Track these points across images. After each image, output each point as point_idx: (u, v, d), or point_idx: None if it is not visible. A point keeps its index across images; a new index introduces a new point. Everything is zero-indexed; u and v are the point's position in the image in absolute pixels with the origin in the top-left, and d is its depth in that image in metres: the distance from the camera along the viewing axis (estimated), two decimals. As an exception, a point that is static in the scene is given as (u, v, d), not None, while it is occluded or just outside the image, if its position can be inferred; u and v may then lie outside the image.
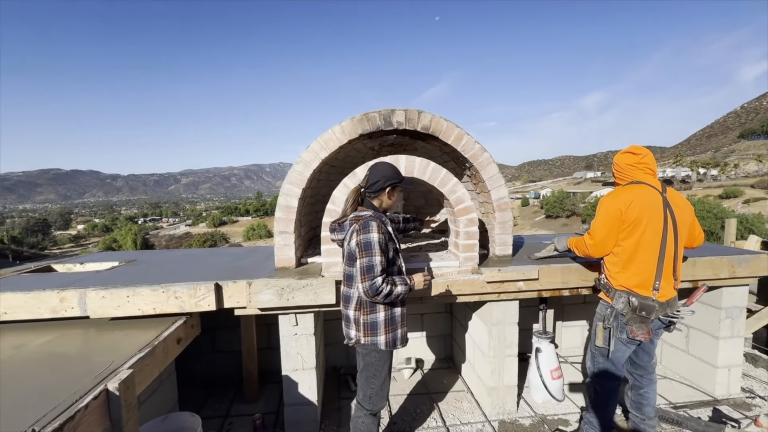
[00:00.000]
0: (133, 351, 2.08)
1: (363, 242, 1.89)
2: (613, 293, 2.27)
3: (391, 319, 2.06)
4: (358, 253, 1.91)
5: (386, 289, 1.88)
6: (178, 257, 3.67)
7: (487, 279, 2.76)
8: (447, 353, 4.06)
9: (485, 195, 3.18)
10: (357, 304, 2.03)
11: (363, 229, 1.91)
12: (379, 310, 2.03)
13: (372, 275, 1.86)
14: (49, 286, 2.60)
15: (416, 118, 2.88)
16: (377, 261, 1.87)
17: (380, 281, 1.87)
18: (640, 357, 2.41)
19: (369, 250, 1.87)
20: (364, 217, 1.96)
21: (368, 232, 1.89)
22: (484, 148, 2.99)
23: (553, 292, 2.93)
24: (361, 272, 1.88)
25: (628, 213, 2.14)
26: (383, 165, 2.12)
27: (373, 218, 1.95)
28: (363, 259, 1.87)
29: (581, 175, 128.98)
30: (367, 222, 1.92)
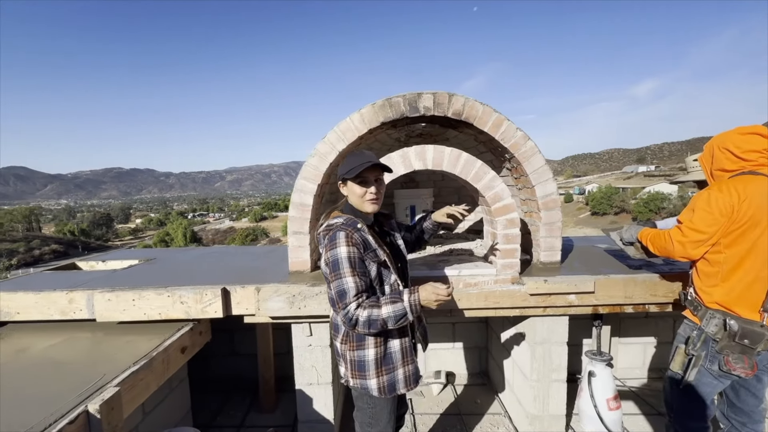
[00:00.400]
0: (131, 361, 1.91)
1: (330, 261, 1.48)
2: (703, 312, 1.77)
3: (386, 357, 1.60)
4: (326, 275, 1.52)
5: (362, 315, 1.43)
6: (195, 256, 3.55)
7: (530, 291, 2.33)
8: (482, 367, 3.64)
9: (528, 191, 2.73)
10: (344, 334, 1.63)
11: (329, 243, 1.50)
12: (368, 345, 1.57)
13: (344, 302, 1.45)
14: (60, 285, 2.53)
15: (446, 102, 2.49)
16: (349, 283, 1.45)
17: (353, 307, 1.43)
18: (742, 398, 1.87)
19: (337, 271, 1.46)
20: (333, 227, 1.53)
21: (334, 246, 1.48)
22: (528, 136, 2.54)
23: (612, 308, 2.44)
24: (334, 300, 1.49)
25: (742, 211, 1.62)
26: (349, 155, 1.64)
27: (341, 227, 1.51)
28: (333, 282, 1.48)
29: (632, 170, 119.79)
30: (334, 234, 1.50)
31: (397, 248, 1.79)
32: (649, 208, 45.80)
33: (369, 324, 1.43)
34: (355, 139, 2.52)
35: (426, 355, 3.61)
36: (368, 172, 1.57)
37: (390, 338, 1.61)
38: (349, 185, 1.59)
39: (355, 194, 1.59)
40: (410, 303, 1.46)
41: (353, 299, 1.44)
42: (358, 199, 1.59)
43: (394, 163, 2.30)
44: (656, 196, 47.72)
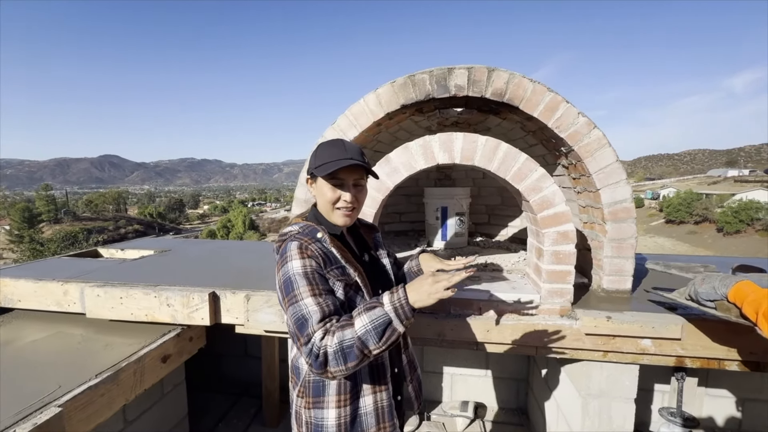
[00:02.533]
0: (97, 371, 1.69)
1: (282, 281, 1.08)
2: None
3: (354, 423, 1.14)
4: (281, 300, 1.09)
5: (331, 345, 0.97)
6: (211, 250, 3.39)
7: (586, 329, 1.76)
8: (519, 403, 3.06)
9: (590, 196, 2.11)
10: (301, 384, 1.18)
11: (280, 257, 1.12)
12: (328, 402, 1.13)
13: (306, 333, 1.00)
14: (65, 274, 2.44)
15: (485, 79, 1.97)
16: (309, 306, 1.02)
17: (318, 338, 0.98)
18: None
19: (291, 292, 1.05)
20: (285, 237, 1.15)
21: (285, 261, 1.09)
22: (593, 123, 1.93)
23: (707, 363, 1.77)
24: (294, 335, 1.03)
25: None
26: (324, 144, 1.20)
27: (295, 237, 1.12)
28: (288, 309, 1.05)
29: (719, 173, 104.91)
30: (285, 246, 1.12)
31: (381, 267, 1.32)
32: (739, 219, 39.56)
33: (344, 354, 0.96)
34: (370, 125, 2.10)
35: (452, 381, 3.11)
36: (346, 173, 1.14)
37: (360, 393, 1.15)
38: (318, 183, 1.17)
39: (324, 197, 1.17)
40: (394, 305, 0.99)
41: (318, 327, 0.99)
42: (327, 205, 1.18)
43: (412, 154, 1.85)
44: (749, 204, 41.07)
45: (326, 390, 1.13)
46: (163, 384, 2.38)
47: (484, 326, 1.86)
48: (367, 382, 1.16)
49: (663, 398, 2.79)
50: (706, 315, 1.49)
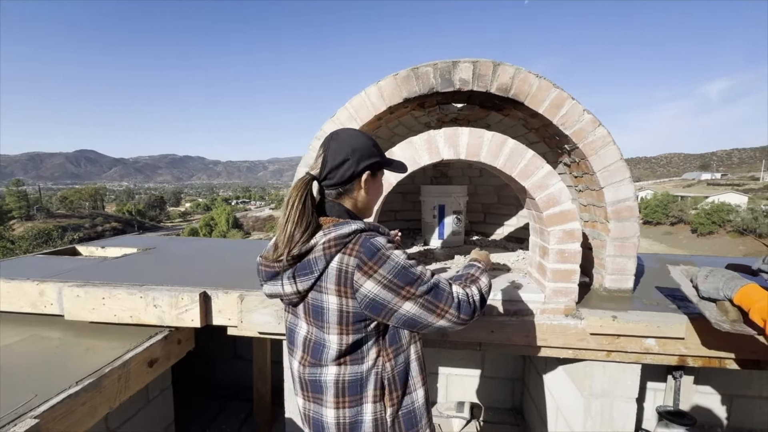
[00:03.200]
0: (78, 377, 1.56)
1: (395, 275, 0.97)
2: None
3: (427, 399, 1.14)
4: (396, 294, 0.98)
5: (476, 294, 1.09)
6: (197, 248, 3.25)
7: (591, 329, 1.73)
8: (515, 403, 3.05)
9: (592, 194, 2.10)
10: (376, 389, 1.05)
11: (371, 258, 0.97)
12: (417, 387, 1.10)
13: (446, 296, 1.02)
14: (40, 273, 2.27)
15: (490, 73, 1.92)
16: (434, 277, 1.04)
17: (461, 291, 1.06)
18: None
19: (413, 276, 0.99)
20: (353, 238, 1.00)
21: (385, 257, 0.98)
22: (598, 120, 1.91)
23: (709, 362, 1.78)
24: (430, 309, 1.00)
25: None
26: (348, 133, 1.13)
27: (370, 234, 1.02)
28: (416, 291, 0.98)
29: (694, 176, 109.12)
30: (366, 245, 0.98)
31: None
32: (711, 220, 41.19)
33: (483, 301, 1.10)
34: (371, 119, 2.03)
35: (447, 381, 3.07)
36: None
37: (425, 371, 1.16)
38: (378, 180, 1.18)
39: (376, 193, 1.19)
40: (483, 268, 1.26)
41: (450, 285, 1.06)
42: (373, 200, 1.18)
43: (416, 149, 1.79)
44: (721, 207, 42.82)
45: (410, 374, 1.10)
46: (149, 389, 2.26)
47: (488, 326, 1.82)
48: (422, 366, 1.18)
49: (655, 396, 2.83)
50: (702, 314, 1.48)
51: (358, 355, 1.04)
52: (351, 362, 1.04)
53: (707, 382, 2.81)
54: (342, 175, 1.07)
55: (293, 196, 1.00)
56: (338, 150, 1.07)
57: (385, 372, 1.05)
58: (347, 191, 1.10)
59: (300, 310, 1.07)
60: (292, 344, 1.12)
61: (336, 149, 1.07)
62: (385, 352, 1.05)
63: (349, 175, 1.07)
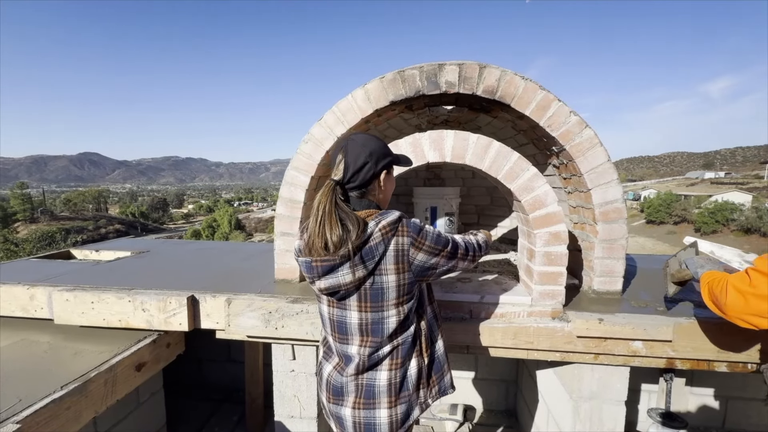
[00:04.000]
0: (63, 381, 1.57)
1: (434, 241, 1.20)
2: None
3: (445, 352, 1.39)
4: (438, 254, 1.21)
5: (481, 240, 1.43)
6: (190, 251, 3.25)
7: (577, 331, 1.72)
8: (508, 405, 3.04)
9: (581, 196, 2.09)
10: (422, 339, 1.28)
11: (418, 234, 1.18)
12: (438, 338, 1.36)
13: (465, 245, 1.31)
14: (31, 277, 2.29)
15: (476, 75, 1.92)
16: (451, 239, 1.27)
17: (473, 238, 1.41)
18: None
19: (445, 239, 1.24)
20: (400, 223, 1.17)
21: (425, 230, 1.20)
22: (585, 122, 1.91)
23: (697, 364, 1.76)
24: (459, 256, 1.28)
25: None
26: (363, 138, 1.23)
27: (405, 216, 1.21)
28: (448, 249, 1.23)
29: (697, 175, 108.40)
30: (410, 225, 1.18)
31: None
32: (715, 219, 40.87)
33: (485, 245, 1.45)
34: (358, 122, 2.03)
35: (441, 384, 3.06)
36: None
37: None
38: (390, 175, 1.31)
39: (391, 187, 1.33)
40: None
41: (462, 241, 1.32)
42: (390, 193, 1.32)
43: (402, 151, 1.79)
44: (725, 205, 42.48)
45: (433, 327, 1.32)
46: (139, 392, 2.26)
47: (475, 329, 1.81)
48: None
49: (650, 398, 2.81)
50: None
51: (407, 323, 1.23)
52: (408, 326, 1.23)
53: (702, 384, 2.79)
54: (364, 177, 1.19)
55: (324, 201, 1.11)
56: (358, 154, 1.18)
57: (420, 330, 1.26)
58: (370, 190, 1.22)
59: (352, 300, 1.18)
60: (344, 333, 1.23)
61: (355, 154, 1.18)
62: (422, 313, 1.27)
63: (371, 176, 1.20)
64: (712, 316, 1.76)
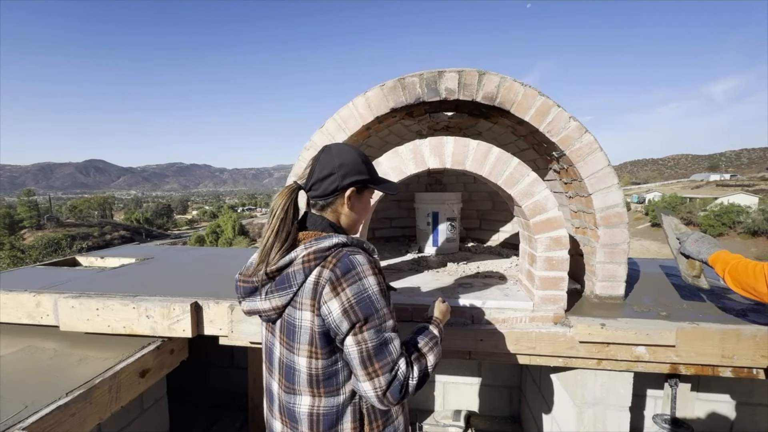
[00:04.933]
0: (69, 388, 1.59)
1: (357, 302, 0.94)
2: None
3: (406, 418, 1.16)
4: (351, 325, 0.94)
5: (414, 378, 0.97)
6: (195, 257, 3.28)
7: (579, 336, 1.72)
8: (512, 411, 3.02)
9: (582, 200, 2.10)
10: (354, 421, 1.01)
11: (345, 275, 0.95)
12: (398, 414, 1.10)
13: (388, 362, 0.94)
14: (32, 286, 2.31)
15: (475, 82, 1.94)
16: (391, 332, 0.97)
17: (404, 368, 0.95)
18: None
19: (372, 315, 0.95)
20: (333, 252, 0.99)
21: (358, 278, 0.95)
22: (585, 127, 1.92)
23: (701, 370, 1.75)
24: (366, 362, 0.94)
25: None
26: (340, 148, 1.11)
27: (351, 250, 1.00)
28: (365, 333, 0.94)
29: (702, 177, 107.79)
30: (345, 260, 0.96)
31: None
32: (721, 222, 40.53)
33: (420, 385, 0.98)
34: (359, 129, 2.05)
35: (444, 389, 3.05)
36: None
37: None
38: (365, 197, 1.16)
39: (362, 211, 1.16)
40: (441, 337, 1.15)
41: (399, 354, 0.96)
42: (358, 218, 1.16)
43: (402, 158, 1.80)
44: (731, 208, 42.12)
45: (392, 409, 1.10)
46: (143, 399, 2.27)
47: (476, 335, 1.81)
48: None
49: (656, 404, 2.78)
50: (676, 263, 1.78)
51: (333, 385, 1.00)
52: (326, 393, 0.99)
53: (708, 389, 2.76)
54: (326, 188, 1.06)
55: (278, 203, 1.02)
56: (326, 163, 1.07)
57: (363, 402, 1.02)
58: (330, 204, 1.09)
59: (277, 328, 1.04)
60: (271, 364, 1.09)
61: (324, 162, 1.07)
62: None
63: (333, 188, 1.06)
64: (716, 321, 1.75)
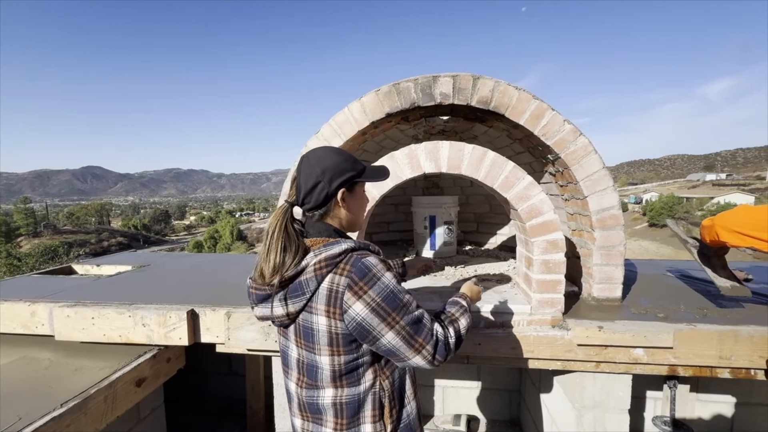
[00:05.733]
0: (63, 399, 1.57)
1: (383, 299, 0.97)
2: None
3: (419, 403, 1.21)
4: (382, 320, 0.97)
5: (452, 336, 1.07)
6: (191, 264, 3.27)
7: (577, 339, 1.72)
8: (512, 414, 3.00)
9: (578, 203, 2.10)
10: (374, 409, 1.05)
11: (363, 278, 0.97)
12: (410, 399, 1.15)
13: (427, 333, 1.01)
14: (28, 295, 2.30)
15: (470, 87, 1.95)
16: (418, 311, 1.03)
17: (441, 332, 1.05)
18: None
19: (399, 304, 0.99)
20: (344, 258, 1.00)
21: (376, 278, 0.98)
22: (579, 130, 1.93)
23: (699, 371, 1.75)
24: (409, 342, 0.99)
25: None
26: (318, 154, 1.09)
27: (361, 254, 1.02)
28: (400, 321, 0.98)
29: (698, 177, 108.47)
30: (360, 264, 0.99)
31: None
32: (719, 221, 40.68)
33: (459, 343, 1.09)
34: (355, 134, 2.05)
35: (443, 394, 3.04)
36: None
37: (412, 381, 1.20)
38: (358, 192, 1.16)
39: (359, 206, 1.17)
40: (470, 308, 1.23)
41: (431, 324, 1.04)
42: (357, 214, 1.17)
43: (398, 163, 1.80)
44: (728, 207, 42.40)
45: (405, 387, 1.13)
46: (140, 408, 2.25)
47: (474, 339, 1.81)
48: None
49: (655, 405, 2.77)
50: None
51: (354, 377, 1.03)
52: (348, 384, 1.03)
53: (708, 390, 2.76)
54: (317, 198, 1.06)
55: (273, 225, 1.01)
56: (309, 174, 1.06)
57: (383, 391, 1.06)
58: (328, 211, 1.09)
59: (291, 332, 1.06)
60: (287, 366, 1.12)
61: (306, 173, 1.06)
62: (381, 371, 1.06)
63: (324, 196, 1.06)
64: (713, 322, 1.76)
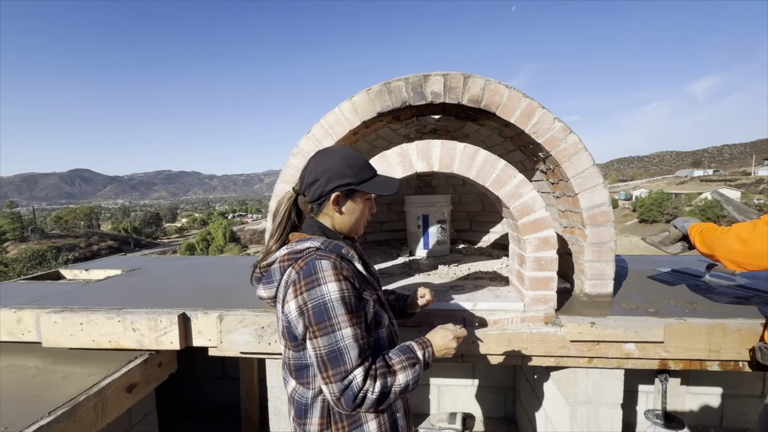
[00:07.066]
0: (50, 407, 1.54)
1: (312, 307, 0.95)
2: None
3: (394, 425, 1.10)
4: (305, 329, 0.98)
5: (374, 390, 0.94)
6: (181, 268, 3.22)
7: (570, 336, 1.73)
8: (507, 411, 3.02)
9: (568, 200, 2.12)
10: (323, 416, 1.04)
11: (305, 278, 0.96)
12: (367, 417, 1.05)
13: (341, 369, 0.93)
14: (14, 302, 2.25)
15: (461, 85, 1.95)
16: (347, 339, 0.94)
17: (360, 378, 0.93)
18: None
19: (325, 322, 0.94)
20: (303, 254, 1.02)
21: (317, 283, 0.95)
22: (569, 128, 1.94)
23: (689, 364, 1.77)
24: (321, 367, 0.95)
25: None
26: (326, 154, 1.12)
27: (321, 254, 1.00)
28: (318, 339, 0.95)
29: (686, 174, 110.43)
30: (310, 264, 0.98)
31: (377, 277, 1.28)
32: (706, 216, 41.53)
33: (381, 400, 0.95)
34: (346, 134, 2.04)
35: (439, 392, 3.05)
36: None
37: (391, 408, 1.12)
38: (356, 201, 1.13)
39: (354, 213, 1.14)
40: (426, 360, 1.07)
41: (356, 364, 0.94)
42: (352, 220, 1.14)
43: (390, 162, 1.80)
44: (714, 202, 43.24)
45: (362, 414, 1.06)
46: (131, 414, 2.21)
47: (468, 337, 1.81)
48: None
49: (647, 399, 2.81)
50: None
51: (304, 378, 1.04)
52: (301, 384, 1.05)
53: (698, 383, 2.80)
54: (313, 194, 1.10)
55: (282, 206, 1.12)
56: (312, 169, 1.10)
57: (330, 407, 1.03)
58: (321, 209, 1.13)
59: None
60: None
61: (311, 168, 1.11)
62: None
63: (318, 194, 1.09)
64: (703, 316, 1.78)
